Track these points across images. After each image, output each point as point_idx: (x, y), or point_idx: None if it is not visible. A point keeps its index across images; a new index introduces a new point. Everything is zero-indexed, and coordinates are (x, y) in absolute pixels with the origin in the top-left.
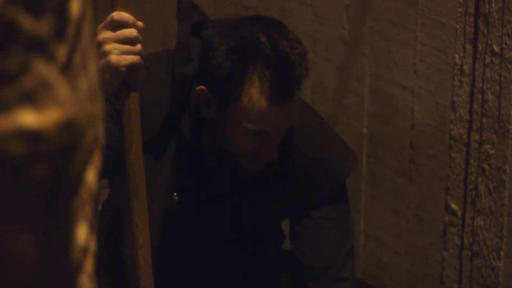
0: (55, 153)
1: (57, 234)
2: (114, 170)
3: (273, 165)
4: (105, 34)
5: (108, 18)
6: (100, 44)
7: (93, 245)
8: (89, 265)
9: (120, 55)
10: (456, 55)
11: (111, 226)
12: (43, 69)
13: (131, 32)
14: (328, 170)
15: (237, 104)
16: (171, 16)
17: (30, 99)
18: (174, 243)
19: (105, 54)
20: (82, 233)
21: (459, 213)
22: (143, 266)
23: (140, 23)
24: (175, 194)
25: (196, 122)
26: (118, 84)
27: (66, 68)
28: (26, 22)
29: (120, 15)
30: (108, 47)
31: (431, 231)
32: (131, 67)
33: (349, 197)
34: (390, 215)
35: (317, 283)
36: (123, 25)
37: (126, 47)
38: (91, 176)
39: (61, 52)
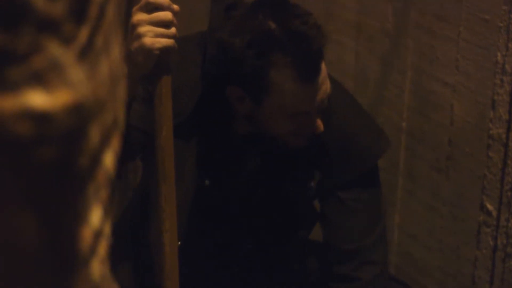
0: (64, 136)
1: (69, 217)
2: (145, 153)
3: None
4: (140, 16)
5: (143, 1)
6: (134, 26)
7: (107, 230)
8: (102, 250)
9: (154, 37)
10: (499, 53)
11: (139, 210)
12: (56, 51)
13: (166, 15)
14: (360, 149)
15: (270, 95)
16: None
17: (40, 80)
18: (203, 228)
19: (139, 36)
20: (96, 217)
21: (494, 213)
22: (168, 251)
23: (175, 6)
24: (207, 180)
25: (228, 113)
26: (151, 67)
27: (86, 50)
28: (39, 1)
29: None
30: (143, 29)
31: (465, 229)
32: (164, 50)
33: (385, 191)
34: (425, 211)
35: (345, 265)
36: (158, 7)
37: (161, 29)
38: (108, 159)
39: (81, 33)
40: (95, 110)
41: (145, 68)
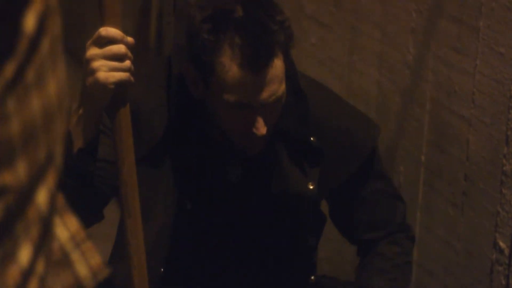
0: None
1: None
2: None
3: (293, 145)
4: (93, 51)
5: (96, 35)
6: (88, 61)
7: (39, 268)
8: None
9: (108, 72)
10: None
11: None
12: None
13: (119, 48)
14: (354, 141)
15: (213, 75)
16: None
17: None
18: (189, 253)
19: (93, 71)
20: (25, 256)
21: (506, 251)
22: (137, 286)
23: (130, 39)
24: (187, 202)
25: (196, 111)
26: (107, 100)
27: (13, 84)
28: None
29: (107, 31)
30: (96, 64)
31: (479, 267)
32: (119, 84)
33: None
34: (442, 247)
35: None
36: (110, 41)
37: (114, 63)
38: (41, 196)
39: (7, 68)
40: (22, 144)
41: (102, 103)
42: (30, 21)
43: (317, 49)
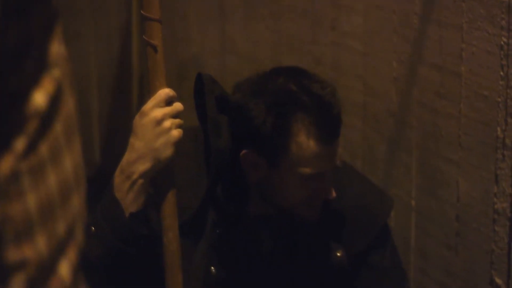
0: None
1: None
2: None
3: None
4: (162, 111)
5: (162, 95)
6: (159, 122)
7: None
8: None
9: (176, 129)
10: (498, 128)
11: None
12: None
13: (181, 106)
14: (371, 213)
15: (288, 155)
16: None
17: None
18: None
19: (167, 130)
20: None
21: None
22: None
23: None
24: (213, 267)
25: (237, 191)
26: (172, 159)
27: (27, 158)
28: None
29: (168, 91)
30: (168, 123)
31: None
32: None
33: None
34: None
35: None
36: (171, 100)
37: (179, 121)
38: (64, 269)
39: (19, 142)
40: (40, 219)
41: (167, 162)
42: (40, 100)
43: None
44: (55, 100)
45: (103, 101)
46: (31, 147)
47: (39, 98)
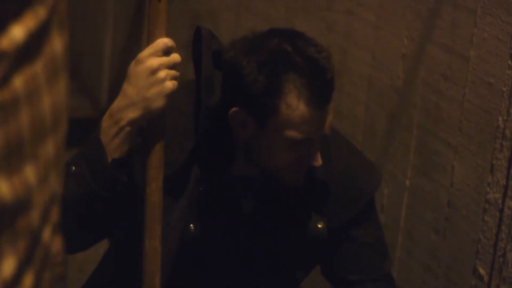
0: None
1: None
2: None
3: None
4: (158, 61)
5: (156, 45)
6: (154, 71)
7: (28, 280)
8: None
9: (171, 80)
10: (500, 118)
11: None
12: None
13: (178, 57)
14: (358, 186)
15: (276, 116)
16: None
17: None
18: (189, 278)
19: (161, 80)
20: (8, 266)
21: (486, 278)
22: None
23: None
24: (192, 225)
25: (223, 149)
26: (164, 110)
27: None
28: None
29: (167, 41)
30: (163, 73)
31: None
32: (172, 92)
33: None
34: (422, 271)
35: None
36: (170, 51)
37: (175, 72)
38: (35, 214)
39: None
40: (3, 162)
41: (159, 112)
42: (17, 33)
43: None
44: (36, 38)
45: (117, 43)
46: (4, 80)
47: (17, 31)
